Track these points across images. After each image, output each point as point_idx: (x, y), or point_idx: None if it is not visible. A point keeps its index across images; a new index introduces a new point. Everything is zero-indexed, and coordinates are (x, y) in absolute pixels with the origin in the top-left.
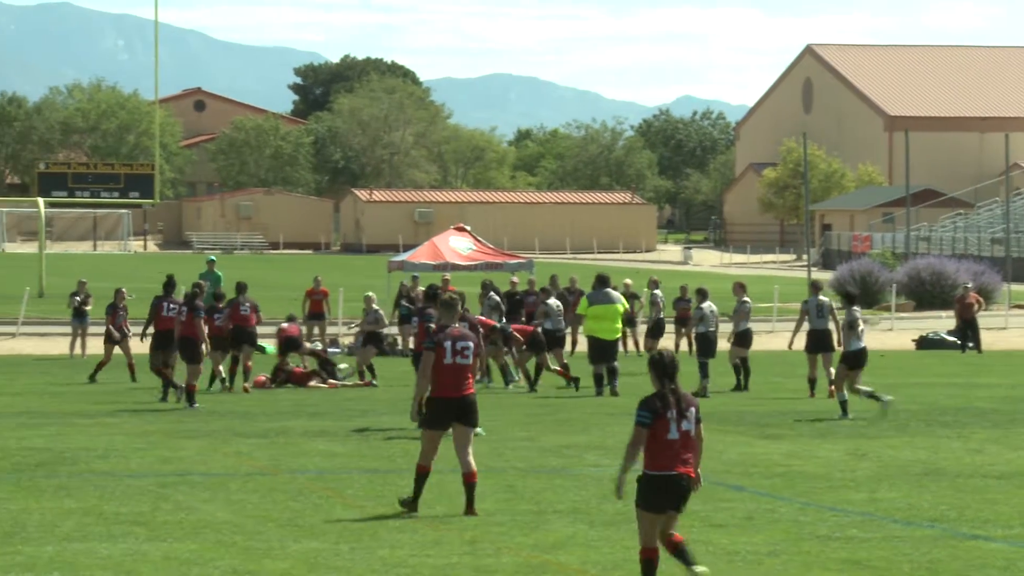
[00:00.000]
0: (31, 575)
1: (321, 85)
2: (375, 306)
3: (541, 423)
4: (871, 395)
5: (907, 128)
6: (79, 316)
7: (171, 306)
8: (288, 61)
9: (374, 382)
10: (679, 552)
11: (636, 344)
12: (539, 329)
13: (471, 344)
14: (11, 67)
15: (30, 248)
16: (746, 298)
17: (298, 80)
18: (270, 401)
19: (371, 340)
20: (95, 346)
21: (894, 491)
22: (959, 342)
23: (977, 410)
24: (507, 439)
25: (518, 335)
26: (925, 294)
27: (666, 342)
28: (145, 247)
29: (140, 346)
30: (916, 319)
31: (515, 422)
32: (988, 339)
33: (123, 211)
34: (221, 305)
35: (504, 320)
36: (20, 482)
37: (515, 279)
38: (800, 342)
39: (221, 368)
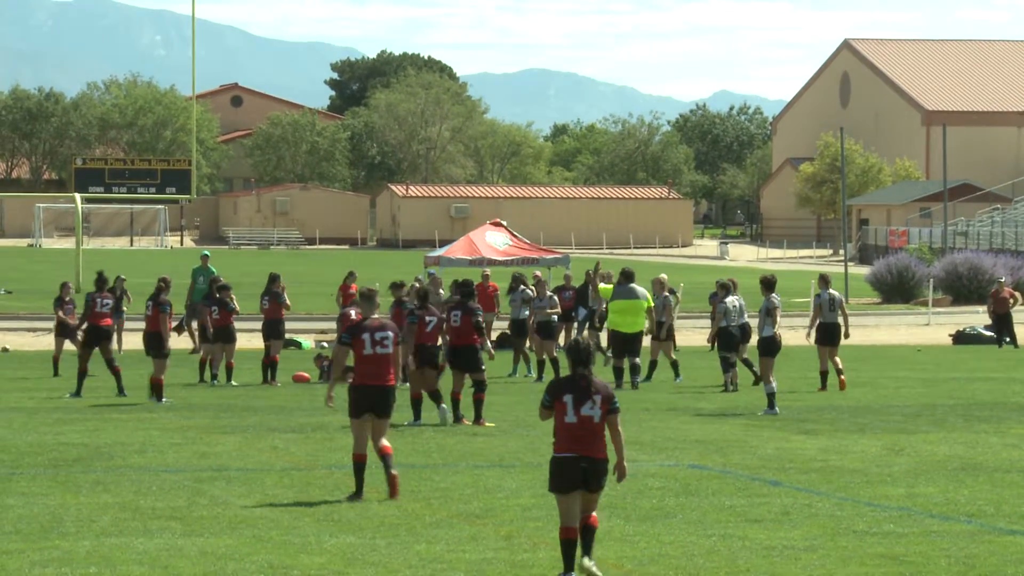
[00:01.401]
0: (68, 569)
1: (357, 80)
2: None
3: None
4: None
5: (944, 123)
6: (116, 312)
7: (104, 302)
8: (325, 56)
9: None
10: (584, 534)
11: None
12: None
13: (390, 334)
14: (48, 63)
15: (67, 244)
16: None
17: (335, 75)
18: (306, 396)
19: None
20: (132, 341)
21: (931, 486)
22: (996, 337)
23: (1015, 405)
24: (543, 433)
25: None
26: (962, 289)
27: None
28: (182, 242)
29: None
30: (953, 314)
31: None
32: None
33: (160, 207)
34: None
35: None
36: (57, 477)
37: (538, 273)
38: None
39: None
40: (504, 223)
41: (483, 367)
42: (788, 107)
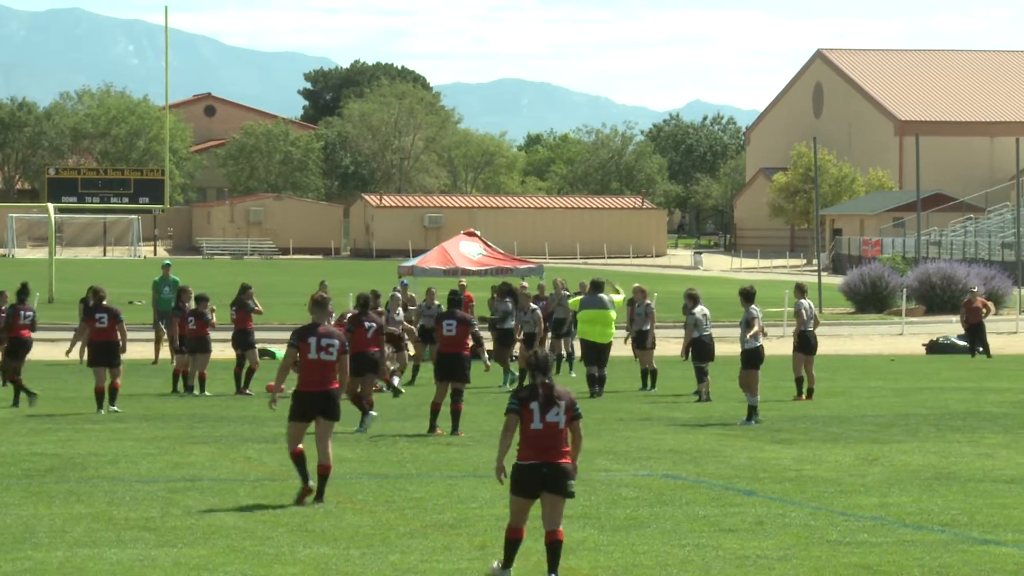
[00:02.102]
0: None
1: (331, 90)
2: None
3: None
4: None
5: (917, 133)
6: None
7: (26, 314)
8: (298, 66)
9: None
10: (550, 550)
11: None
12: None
13: (336, 342)
14: (21, 72)
15: (40, 254)
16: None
17: (308, 85)
18: (279, 406)
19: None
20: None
21: (905, 496)
22: (969, 347)
23: (988, 415)
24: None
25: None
26: (936, 299)
27: (667, 347)
28: (155, 252)
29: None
30: (926, 323)
31: None
32: (998, 344)
33: (133, 216)
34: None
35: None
36: (30, 487)
37: (524, 284)
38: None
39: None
40: (478, 233)
41: (468, 378)
42: (761, 117)
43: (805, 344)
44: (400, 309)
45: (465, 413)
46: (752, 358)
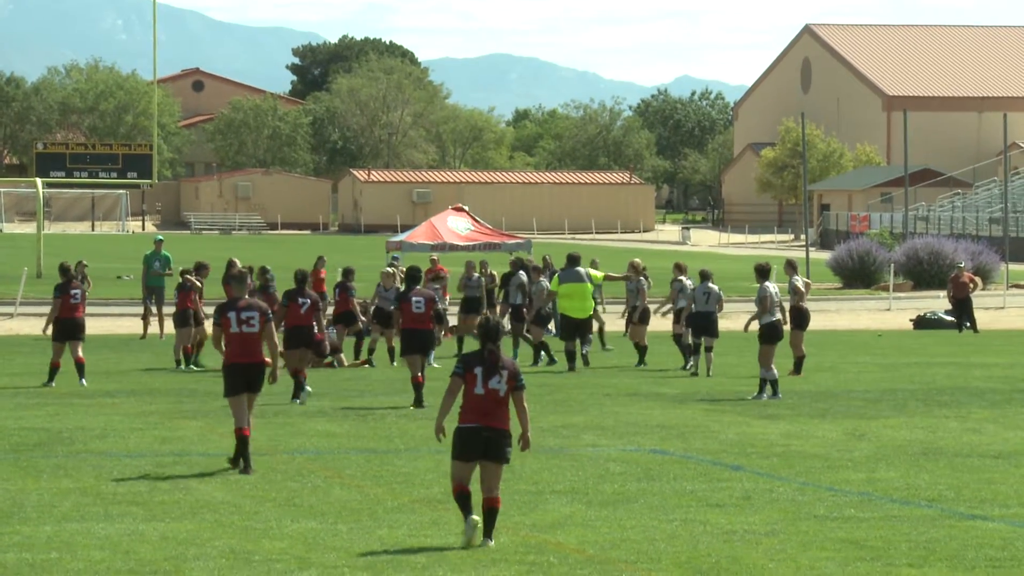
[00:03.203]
0: (29, 555)
1: (319, 65)
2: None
3: (539, 403)
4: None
5: (905, 108)
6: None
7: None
8: (286, 41)
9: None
10: (486, 517)
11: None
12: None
13: (256, 313)
14: (9, 47)
15: (28, 228)
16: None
17: (296, 60)
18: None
19: (378, 318)
20: (93, 325)
21: (892, 471)
22: (956, 322)
23: (975, 390)
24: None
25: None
26: (923, 274)
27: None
28: (143, 227)
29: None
30: (914, 299)
31: None
32: (986, 319)
33: (121, 192)
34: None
35: (523, 299)
36: (18, 462)
37: (513, 257)
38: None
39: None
40: (466, 208)
41: (432, 351)
42: (749, 92)
43: (799, 319)
44: (395, 286)
45: (443, 387)
46: (770, 333)
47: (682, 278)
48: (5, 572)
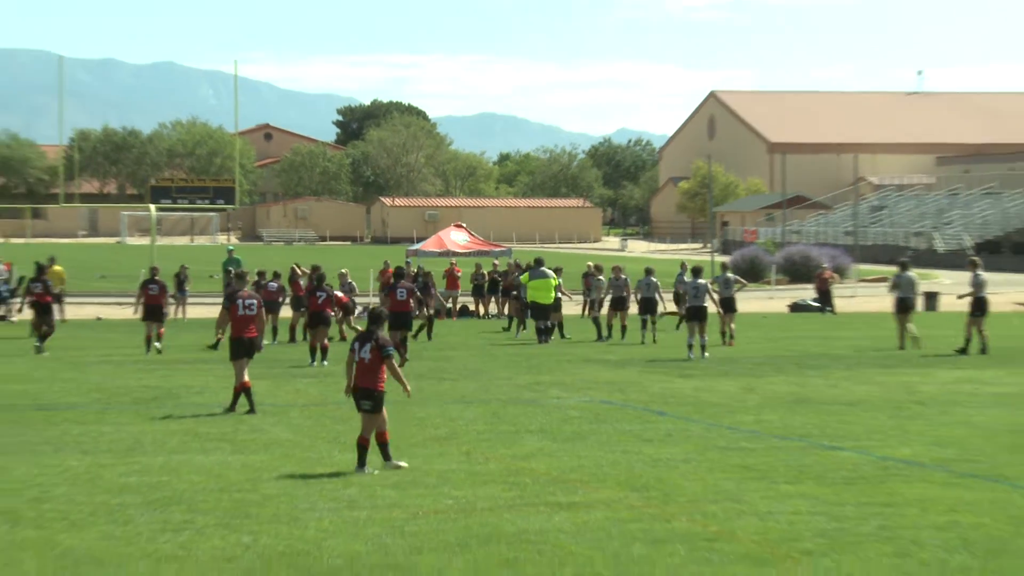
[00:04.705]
0: (147, 478)
1: (357, 121)
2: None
3: (517, 366)
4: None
5: (784, 151)
6: (180, 290)
7: (35, 285)
8: (333, 104)
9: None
10: (380, 446)
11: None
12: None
13: (254, 302)
14: (130, 109)
15: (144, 241)
16: (624, 275)
17: (340, 118)
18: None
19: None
20: (192, 312)
21: (773, 415)
22: (820, 307)
23: (834, 356)
24: (493, 379)
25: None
26: (797, 272)
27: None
28: (228, 240)
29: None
30: (790, 290)
31: (499, 366)
32: (841, 304)
33: (212, 214)
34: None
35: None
36: (138, 411)
37: (496, 263)
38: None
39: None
40: (464, 225)
41: (411, 327)
42: (670, 140)
43: (726, 304)
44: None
45: (453, 357)
46: (692, 312)
47: (600, 277)
48: (129, 490)
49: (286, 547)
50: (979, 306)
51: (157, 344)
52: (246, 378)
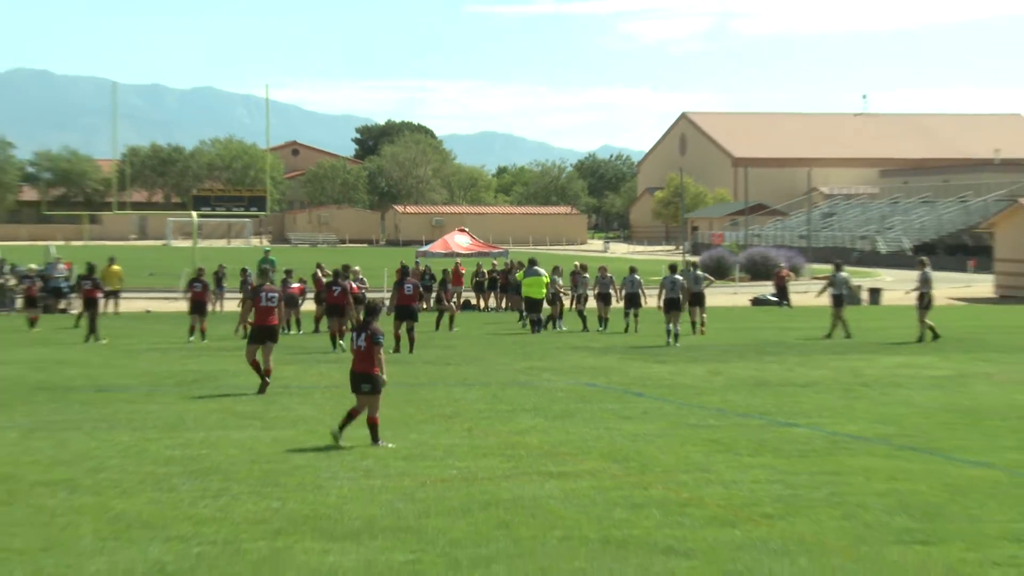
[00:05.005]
0: (189, 451)
1: (373, 139)
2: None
3: (514, 353)
4: (676, 335)
5: (747, 165)
6: (219, 286)
7: (84, 282)
8: (352, 123)
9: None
10: (370, 429)
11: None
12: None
13: (275, 295)
14: (175, 128)
15: (187, 243)
16: (609, 274)
17: (358, 135)
18: (344, 342)
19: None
20: (229, 306)
21: (737, 395)
22: (778, 301)
23: (790, 344)
24: (492, 364)
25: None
26: (757, 271)
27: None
28: (260, 242)
29: None
30: (751, 287)
31: (497, 353)
32: (796, 299)
33: (246, 219)
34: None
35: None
36: (181, 392)
37: (495, 262)
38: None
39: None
40: (467, 229)
41: (417, 318)
42: (647, 155)
43: (694, 299)
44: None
45: (459, 346)
46: (668, 303)
47: (586, 274)
48: (174, 461)
49: (311, 511)
50: (925, 300)
51: (198, 337)
52: (271, 363)
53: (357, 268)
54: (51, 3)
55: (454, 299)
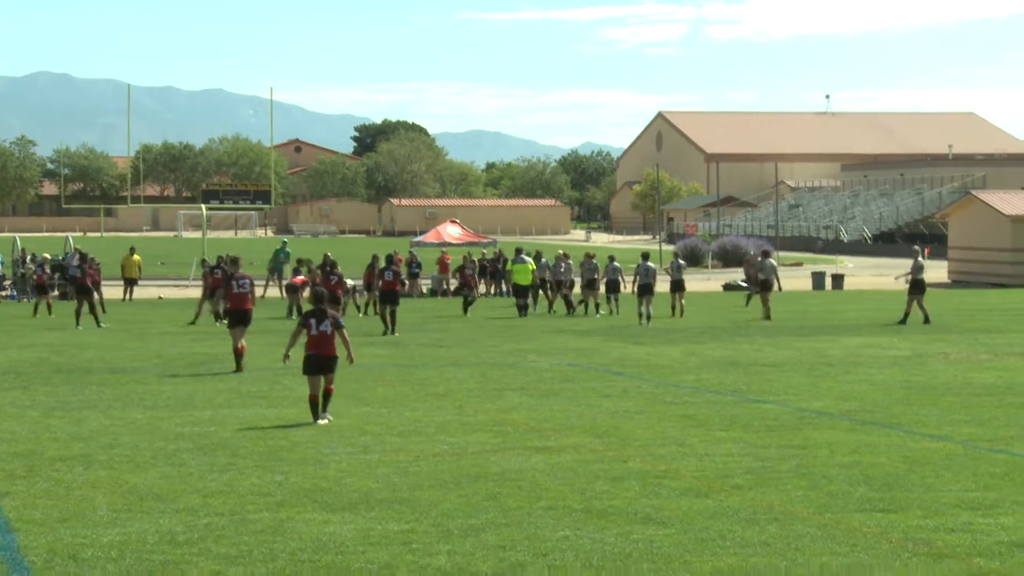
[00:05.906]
0: (198, 428)
1: (371, 136)
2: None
3: (502, 335)
4: (649, 316)
5: (718, 161)
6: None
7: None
8: (351, 122)
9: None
10: (325, 397)
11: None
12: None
13: (247, 281)
14: (186, 126)
15: (196, 235)
16: (594, 261)
17: (357, 134)
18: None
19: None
20: None
21: (710, 374)
22: (748, 287)
23: (759, 326)
24: (482, 346)
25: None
26: (729, 258)
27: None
28: (266, 233)
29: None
30: (723, 273)
31: (487, 335)
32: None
33: (252, 212)
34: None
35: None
36: (191, 372)
37: (484, 251)
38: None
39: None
40: (458, 220)
41: (398, 303)
42: (626, 152)
43: (673, 286)
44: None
45: (449, 328)
46: (641, 288)
47: (569, 261)
48: (183, 437)
49: (312, 484)
50: (918, 286)
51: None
52: (243, 343)
53: (412, 252)
54: (72, 11)
55: (443, 286)
